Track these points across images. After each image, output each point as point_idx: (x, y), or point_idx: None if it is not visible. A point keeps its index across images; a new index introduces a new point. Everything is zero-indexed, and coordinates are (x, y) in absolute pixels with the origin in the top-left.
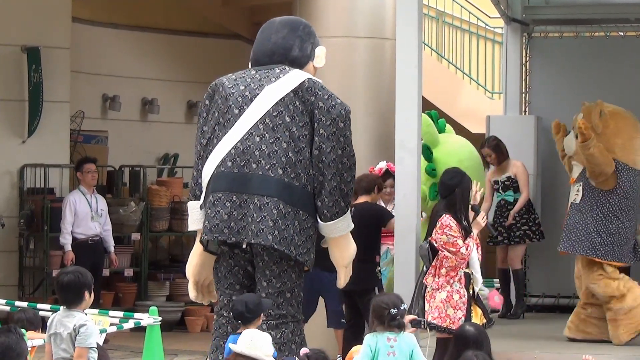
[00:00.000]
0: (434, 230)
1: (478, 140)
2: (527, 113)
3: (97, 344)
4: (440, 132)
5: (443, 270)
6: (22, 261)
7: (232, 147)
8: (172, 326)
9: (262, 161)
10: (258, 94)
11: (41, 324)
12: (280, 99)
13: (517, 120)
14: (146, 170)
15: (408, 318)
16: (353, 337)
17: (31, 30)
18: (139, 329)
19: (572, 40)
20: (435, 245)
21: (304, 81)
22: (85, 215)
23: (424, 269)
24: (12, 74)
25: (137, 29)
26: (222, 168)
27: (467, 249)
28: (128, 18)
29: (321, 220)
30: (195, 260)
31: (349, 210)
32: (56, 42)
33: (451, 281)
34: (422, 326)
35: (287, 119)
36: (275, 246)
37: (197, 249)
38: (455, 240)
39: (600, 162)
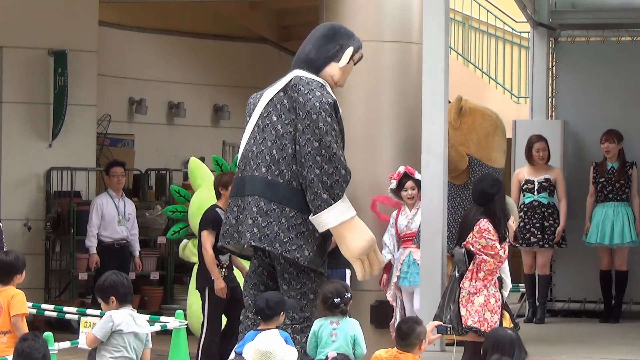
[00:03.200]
0: (471, 235)
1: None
2: (553, 117)
3: None
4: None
5: (481, 274)
6: (49, 264)
7: (241, 154)
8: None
9: (252, 162)
10: (259, 100)
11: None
12: (270, 100)
13: (544, 125)
14: (172, 174)
15: (433, 324)
16: None
17: (58, 34)
18: (165, 333)
19: (599, 45)
20: (472, 249)
21: (291, 79)
22: (112, 219)
23: (456, 274)
24: (38, 77)
25: (164, 33)
26: (236, 175)
27: (504, 252)
28: (155, 21)
29: (312, 214)
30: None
31: (338, 201)
32: (83, 45)
33: (488, 285)
34: (448, 332)
35: (274, 118)
36: (253, 243)
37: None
38: (494, 244)
39: (454, 160)
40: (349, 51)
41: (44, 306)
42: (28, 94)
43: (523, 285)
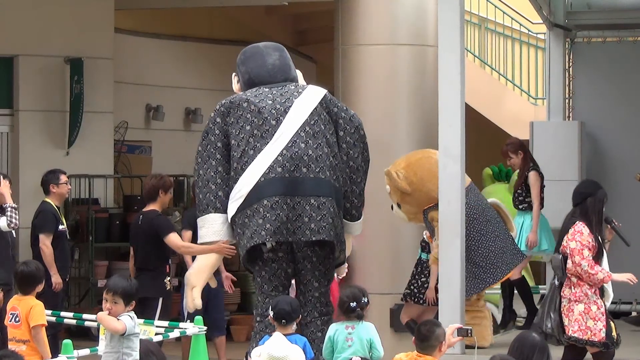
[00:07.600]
0: (565, 238)
1: None
2: (570, 118)
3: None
4: None
5: (574, 279)
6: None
7: (279, 155)
8: None
9: (312, 165)
10: (290, 106)
11: (43, 280)
12: (314, 109)
13: (561, 126)
14: (190, 180)
15: (452, 327)
16: None
17: (74, 42)
18: (178, 338)
19: (615, 45)
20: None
21: (325, 94)
22: None
23: (556, 282)
24: (55, 85)
25: (180, 39)
26: (271, 174)
27: (589, 266)
28: (171, 28)
29: (348, 220)
30: (209, 270)
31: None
32: (99, 52)
33: (588, 292)
34: (469, 334)
35: (322, 127)
36: (335, 242)
37: (210, 259)
38: (582, 250)
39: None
40: (300, 73)
41: (63, 314)
42: (44, 102)
43: (544, 286)
